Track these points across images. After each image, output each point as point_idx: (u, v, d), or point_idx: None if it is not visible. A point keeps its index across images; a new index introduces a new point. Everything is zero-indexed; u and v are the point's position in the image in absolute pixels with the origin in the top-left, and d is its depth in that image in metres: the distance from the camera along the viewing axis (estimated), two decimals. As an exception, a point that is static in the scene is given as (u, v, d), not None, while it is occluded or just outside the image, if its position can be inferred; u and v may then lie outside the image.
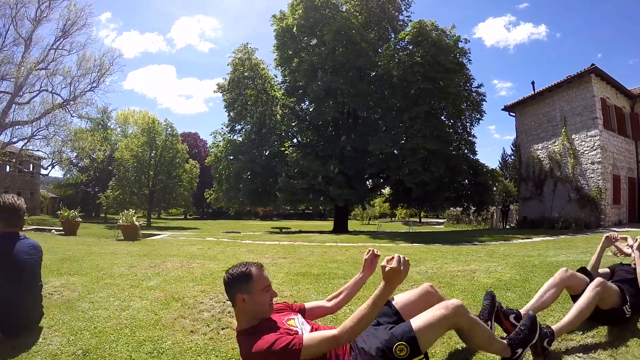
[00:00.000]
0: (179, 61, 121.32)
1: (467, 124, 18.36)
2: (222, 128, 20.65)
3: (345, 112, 18.13)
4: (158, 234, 11.57)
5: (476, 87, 18.10)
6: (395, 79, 16.28)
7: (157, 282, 3.71)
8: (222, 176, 19.27)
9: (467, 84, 17.94)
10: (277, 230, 19.32)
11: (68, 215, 10.02)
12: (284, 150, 17.35)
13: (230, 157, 18.94)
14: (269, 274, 1.64)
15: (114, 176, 33.11)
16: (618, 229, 11.57)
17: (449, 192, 16.54)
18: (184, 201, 36.29)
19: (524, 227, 15.24)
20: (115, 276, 4.03)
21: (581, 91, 14.34)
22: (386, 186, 20.40)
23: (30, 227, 12.11)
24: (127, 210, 9.59)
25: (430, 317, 1.56)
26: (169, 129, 34.54)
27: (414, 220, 36.73)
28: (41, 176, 29.22)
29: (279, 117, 18.71)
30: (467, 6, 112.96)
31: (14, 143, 20.96)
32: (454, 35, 16.93)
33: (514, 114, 17.98)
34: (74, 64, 24.55)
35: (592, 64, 13.65)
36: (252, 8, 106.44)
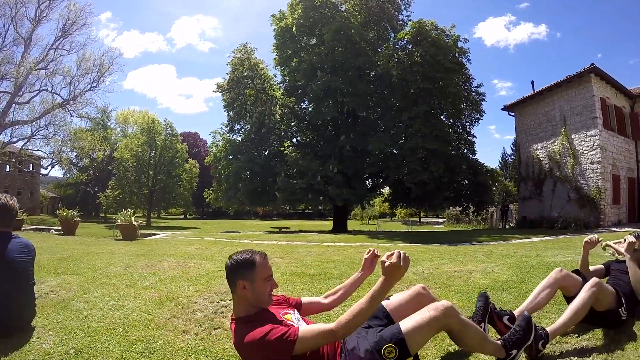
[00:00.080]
0: (179, 61, 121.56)
1: (466, 124, 18.34)
2: (221, 128, 20.67)
3: (344, 112, 18.11)
4: (157, 234, 11.59)
5: (476, 87, 18.11)
6: (395, 78, 16.24)
7: (152, 282, 3.71)
8: (221, 176, 19.25)
9: (467, 84, 17.90)
10: (277, 230, 19.30)
11: (67, 215, 10.03)
12: (283, 150, 17.29)
13: (230, 156, 18.90)
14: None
15: (114, 176, 33.16)
16: (618, 229, 11.56)
17: (449, 192, 16.54)
18: (184, 201, 36.37)
19: (523, 226, 15.24)
20: (112, 276, 4.03)
21: (581, 91, 14.31)
22: (385, 186, 20.36)
23: (30, 226, 12.10)
24: (126, 210, 9.60)
25: (419, 319, 1.54)
26: (169, 129, 34.64)
27: (414, 220, 36.70)
28: (41, 176, 29.24)
29: (278, 117, 18.68)
30: (467, 6, 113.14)
31: (13, 143, 20.99)
32: (454, 35, 16.89)
33: (513, 114, 17.95)
34: (73, 64, 24.70)
35: (592, 64, 13.62)
36: (252, 8, 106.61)
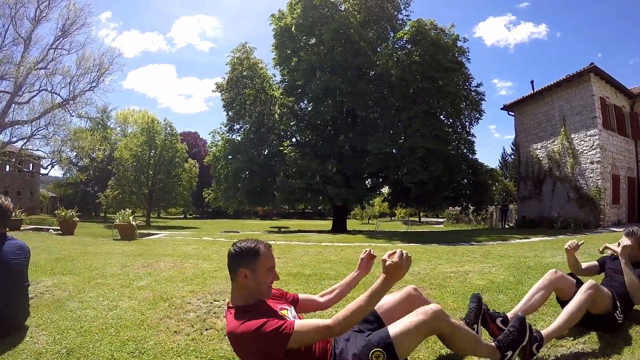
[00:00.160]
0: (179, 60, 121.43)
1: (466, 123, 18.30)
2: (220, 127, 20.67)
3: (343, 112, 18.08)
4: (156, 234, 11.58)
5: (475, 86, 18.05)
6: (394, 78, 16.19)
7: (147, 282, 3.70)
8: (221, 176, 19.24)
9: (466, 83, 17.86)
10: (276, 230, 19.29)
11: (65, 215, 10.03)
12: (282, 149, 17.25)
13: (229, 156, 18.87)
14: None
15: (114, 175, 33.15)
16: (617, 229, 11.53)
17: (448, 192, 16.51)
18: (184, 200, 36.37)
19: (522, 226, 15.21)
20: (107, 276, 4.03)
21: (580, 90, 14.27)
22: (385, 186, 20.35)
23: (29, 226, 12.10)
24: (124, 210, 9.59)
25: (408, 323, 1.51)
26: (168, 129, 34.64)
27: (414, 219, 36.68)
28: (41, 175, 29.28)
29: (277, 117, 18.65)
30: (467, 5, 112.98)
31: (13, 142, 20.98)
32: (453, 34, 16.83)
33: (513, 114, 17.91)
34: (73, 64, 24.71)
35: (592, 63, 13.56)
36: (251, 8, 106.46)
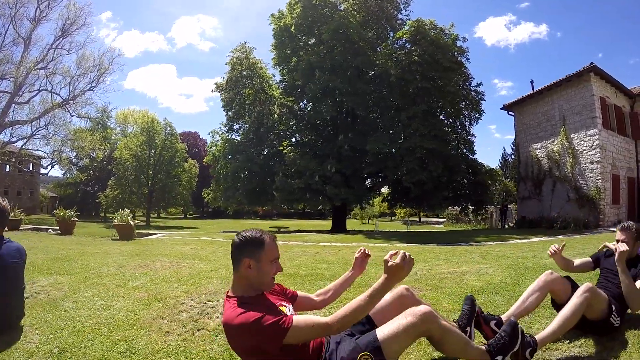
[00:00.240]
0: (180, 60, 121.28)
1: (465, 123, 18.28)
2: (220, 127, 20.64)
3: (343, 111, 18.07)
4: (154, 234, 11.58)
5: (475, 86, 18.01)
6: (394, 77, 16.15)
7: (142, 282, 3.69)
8: (220, 175, 19.20)
9: (466, 83, 17.83)
10: (276, 230, 19.24)
11: (64, 214, 10.02)
12: (282, 149, 17.24)
13: (228, 156, 18.86)
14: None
15: (114, 175, 33.16)
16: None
17: (447, 192, 16.48)
18: (183, 200, 36.36)
19: (522, 226, 15.19)
20: (103, 276, 4.03)
21: (580, 90, 14.24)
22: (384, 185, 20.32)
23: (28, 226, 12.10)
24: (123, 210, 9.59)
25: (396, 325, 1.49)
26: (168, 128, 34.64)
27: (414, 219, 36.66)
28: (41, 175, 29.37)
29: (277, 117, 18.62)
30: (467, 5, 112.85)
31: (13, 142, 21.05)
32: (452, 34, 16.81)
33: (512, 113, 17.88)
34: (73, 64, 24.66)
35: (592, 63, 13.53)
36: (251, 8, 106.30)
